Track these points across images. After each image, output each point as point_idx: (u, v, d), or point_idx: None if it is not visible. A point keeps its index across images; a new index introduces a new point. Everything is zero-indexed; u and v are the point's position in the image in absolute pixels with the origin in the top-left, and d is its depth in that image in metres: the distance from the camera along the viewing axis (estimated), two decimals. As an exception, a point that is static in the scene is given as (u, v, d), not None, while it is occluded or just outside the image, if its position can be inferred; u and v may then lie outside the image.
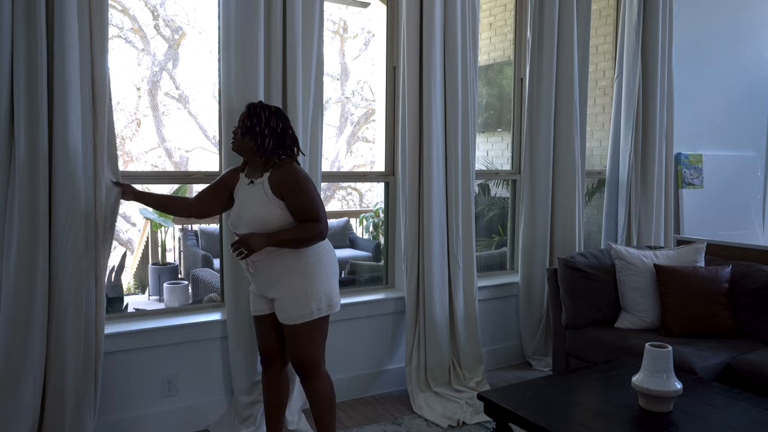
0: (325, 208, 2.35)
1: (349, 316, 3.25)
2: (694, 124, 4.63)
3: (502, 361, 3.92)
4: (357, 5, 6.58)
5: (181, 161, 10.83)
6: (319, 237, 2.30)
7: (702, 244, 3.42)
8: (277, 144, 2.32)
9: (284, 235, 2.26)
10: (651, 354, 2.10)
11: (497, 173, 4.78)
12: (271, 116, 2.32)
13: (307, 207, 2.28)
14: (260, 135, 2.29)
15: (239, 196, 2.41)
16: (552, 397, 2.27)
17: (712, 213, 4.68)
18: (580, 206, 3.91)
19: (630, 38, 4.10)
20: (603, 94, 4.75)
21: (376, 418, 3.05)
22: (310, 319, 2.32)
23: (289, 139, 2.36)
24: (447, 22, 3.29)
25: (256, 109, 2.33)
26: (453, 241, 3.42)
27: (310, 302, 2.31)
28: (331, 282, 2.39)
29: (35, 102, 2.28)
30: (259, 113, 2.32)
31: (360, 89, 10.92)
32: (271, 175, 2.31)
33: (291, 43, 2.82)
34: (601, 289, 3.32)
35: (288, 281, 2.32)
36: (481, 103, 5.01)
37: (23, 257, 2.31)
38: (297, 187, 2.28)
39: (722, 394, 2.29)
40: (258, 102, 2.39)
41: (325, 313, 2.36)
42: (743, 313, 3.13)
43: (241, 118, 2.36)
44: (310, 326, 2.33)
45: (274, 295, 2.36)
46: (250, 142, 2.31)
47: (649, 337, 2.95)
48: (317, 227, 2.28)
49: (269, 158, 2.33)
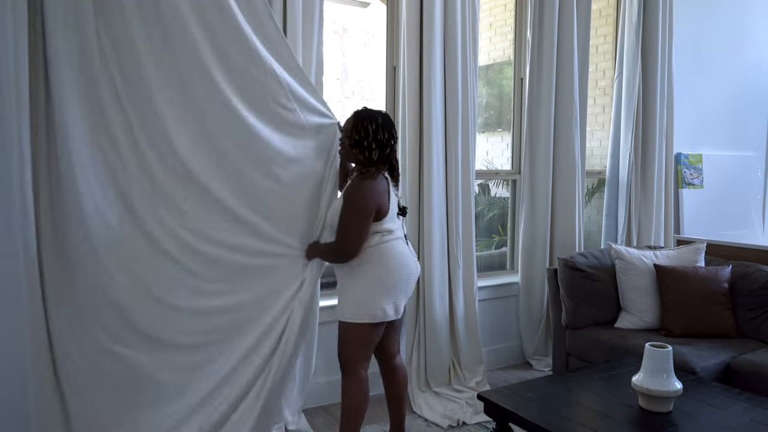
0: (357, 237, 2.34)
1: (349, 316, 3.25)
2: (694, 124, 4.63)
3: (502, 361, 3.91)
4: (357, 5, 6.58)
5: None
6: (338, 259, 2.42)
7: (702, 244, 3.42)
8: (380, 155, 2.37)
9: (321, 248, 2.48)
10: (651, 354, 2.10)
11: (497, 173, 4.78)
12: (378, 128, 2.35)
13: (339, 227, 2.35)
14: (368, 148, 2.35)
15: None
16: (552, 397, 2.27)
17: (712, 213, 4.67)
18: (580, 206, 3.91)
19: (630, 38, 4.10)
20: (603, 94, 4.75)
21: (376, 418, 3.05)
22: (346, 321, 2.40)
23: (390, 149, 2.40)
24: (447, 22, 3.29)
25: (364, 123, 2.36)
26: (453, 241, 3.41)
27: (352, 305, 2.39)
28: (381, 293, 2.38)
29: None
30: (366, 127, 2.35)
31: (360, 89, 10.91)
32: (351, 183, 2.40)
33: (291, 42, 2.82)
34: (601, 289, 3.32)
35: (344, 279, 2.44)
36: (481, 103, 5.01)
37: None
38: (346, 205, 2.35)
39: (722, 394, 2.30)
40: (364, 111, 2.41)
41: (362, 320, 2.37)
42: (743, 313, 3.12)
43: (348, 129, 2.39)
44: (346, 327, 2.42)
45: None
46: (359, 155, 2.37)
47: (649, 337, 2.95)
48: (338, 251, 2.39)
49: (365, 167, 2.37)
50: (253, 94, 2.37)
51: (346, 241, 2.35)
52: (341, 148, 2.47)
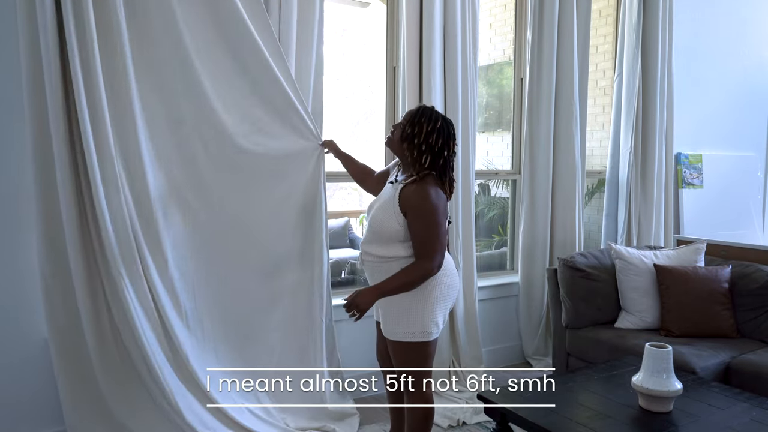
0: (444, 241, 2.13)
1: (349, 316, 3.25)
2: (694, 124, 4.63)
3: (502, 361, 3.91)
4: (357, 5, 6.58)
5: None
6: (429, 275, 2.12)
7: (702, 244, 3.42)
8: (431, 162, 2.15)
9: (391, 284, 2.12)
10: (651, 354, 2.10)
11: (497, 173, 4.78)
12: (433, 132, 2.14)
13: (421, 239, 2.11)
14: (417, 148, 2.15)
15: (382, 191, 2.34)
16: (552, 397, 2.26)
17: (712, 213, 4.67)
18: (580, 206, 3.91)
19: (630, 38, 4.10)
20: (603, 94, 4.75)
21: (376, 418, 3.05)
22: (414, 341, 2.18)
23: (444, 160, 2.17)
24: (447, 22, 3.29)
25: (420, 119, 2.16)
26: (453, 241, 3.41)
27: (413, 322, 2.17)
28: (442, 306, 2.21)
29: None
30: (422, 124, 2.15)
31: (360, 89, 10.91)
32: (407, 185, 2.15)
33: (290, 42, 2.82)
34: (601, 289, 3.32)
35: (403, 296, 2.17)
36: (481, 103, 5.00)
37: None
38: (420, 213, 2.10)
39: (722, 394, 2.29)
40: (429, 109, 2.20)
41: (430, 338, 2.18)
42: (743, 313, 3.12)
43: (405, 119, 2.21)
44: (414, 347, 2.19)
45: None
46: (406, 152, 2.19)
47: (649, 337, 2.95)
48: (426, 266, 2.11)
49: (417, 169, 2.17)
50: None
51: (434, 249, 2.09)
52: (390, 137, 2.27)
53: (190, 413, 2.52)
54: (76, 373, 2.46)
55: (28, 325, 2.50)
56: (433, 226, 2.09)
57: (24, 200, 2.40)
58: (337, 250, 6.26)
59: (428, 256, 2.10)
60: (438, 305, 2.19)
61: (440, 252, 2.12)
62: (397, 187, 2.18)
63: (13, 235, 2.46)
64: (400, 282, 2.12)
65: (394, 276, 2.13)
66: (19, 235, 2.46)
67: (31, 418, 2.54)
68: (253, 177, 2.73)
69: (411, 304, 2.16)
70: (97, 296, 2.46)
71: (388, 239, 2.17)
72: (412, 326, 2.16)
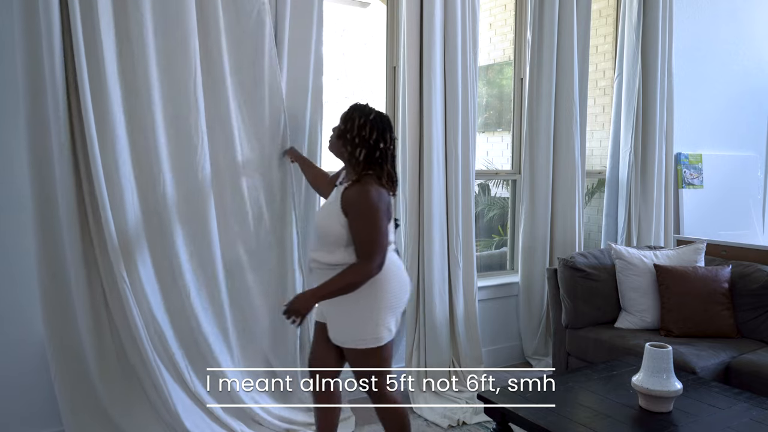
0: (384, 241, 2.08)
1: (349, 316, 3.25)
2: (694, 124, 4.63)
3: (502, 361, 3.91)
4: (357, 5, 6.58)
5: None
6: (369, 276, 2.05)
7: (702, 244, 3.42)
8: (366, 156, 2.11)
9: (331, 287, 2.06)
10: (651, 354, 2.10)
11: (497, 173, 4.78)
12: (366, 125, 2.10)
13: (361, 239, 2.06)
14: (350, 142, 2.12)
15: (329, 195, 2.30)
16: (552, 397, 2.27)
17: (712, 213, 4.67)
18: (580, 206, 3.91)
19: (630, 38, 4.10)
20: (603, 94, 4.75)
21: (376, 419, 3.04)
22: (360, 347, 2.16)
23: (380, 152, 2.12)
24: (447, 22, 3.29)
25: (353, 114, 2.14)
26: (453, 241, 3.41)
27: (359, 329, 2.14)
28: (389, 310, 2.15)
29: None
30: (354, 118, 2.13)
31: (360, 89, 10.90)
32: (349, 187, 2.10)
33: (289, 42, 2.82)
34: (601, 289, 3.32)
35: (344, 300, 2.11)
36: (481, 103, 5.01)
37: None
38: (360, 213, 2.05)
39: (722, 394, 2.29)
40: (361, 104, 2.18)
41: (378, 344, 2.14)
42: (743, 313, 3.12)
43: (341, 118, 2.18)
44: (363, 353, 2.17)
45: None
46: (342, 148, 2.16)
47: (649, 337, 2.95)
48: (365, 267, 2.04)
49: (356, 169, 2.13)
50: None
51: (374, 250, 2.04)
52: (330, 139, 2.24)
53: (190, 422, 2.53)
54: (73, 375, 2.45)
55: (25, 327, 2.50)
56: (373, 226, 2.05)
57: (22, 203, 2.39)
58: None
59: (368, 257, 2.04)
60: (387, 310, 2.13)
61: (380, 253, 2.05)
62: (340, 189, 2.16)
63: (11, 237, 2.45)
64: (340, 284, 2.06)
65: (333, 278, 2.07)
66: (16, 237, 2.45)
67: (29, 418, 2.54)
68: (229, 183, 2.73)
69: (359, 311, 2.11)
70: (95, 299, 2.46)
71: (332, 243, 2.12)
72: (362, 333, 2.12)
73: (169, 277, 2.59)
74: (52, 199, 2.34)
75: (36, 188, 2.32)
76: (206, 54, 2.59)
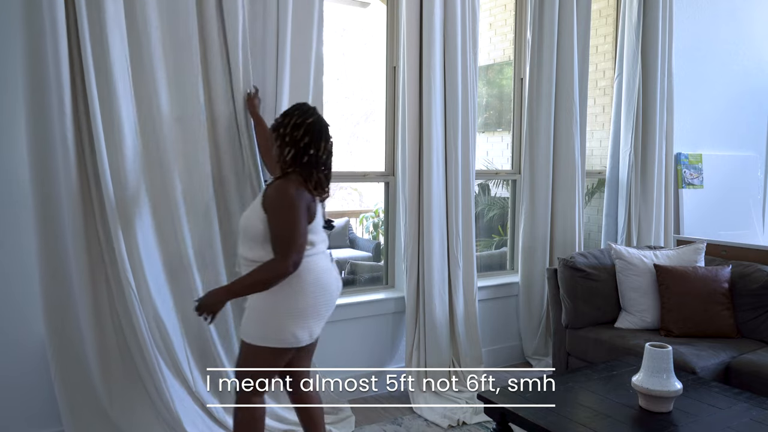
0: (301, 240, 2.01)
1: (349, 316, 3.25)
2: (694, 124, 4.63)
3: (502, 361, 3.91)
4: (357, 5, 6.59)
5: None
6: (283, 274, 1.98)
7: (702, 244, 3.42)
8: (294, 157, 2.07)
9: (243, 283, 2.03)
10: (651, 354, 2.10)
11: (497, 173, 4.78)
12: (301, 126, 2.05)
13: (277, 235, 2.00)
14: (281, 138, 2.08)
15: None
16: (552, 397, 2.27)
17: (712, 213, 4.67)
18: (580, 206, 3.91)
19: (630, 38, 4.10)
20: (603, 94, 4.75)
21: (376, 418, 3.05)
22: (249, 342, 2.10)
23: (309, 158, 2.06)
24: (447, 22, 3.29)
25: (293, 111, 2.10)
26: (453, 241, 3.41)
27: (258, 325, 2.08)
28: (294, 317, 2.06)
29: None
30: (292, 116, 2.08)
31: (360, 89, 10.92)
32: (271, 183, 2.08)
33: (289, 42, 2.82)
34: (601, 289, 3.32)
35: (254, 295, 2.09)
36: (481, 103, 5.01)
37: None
38: (277, 208, 2.00)
39: (722, 394, 2.30)
40: (304, 104, 2.14)
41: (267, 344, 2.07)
42: (743, 313, 3.12)
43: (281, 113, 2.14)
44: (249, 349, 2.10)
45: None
46: (272, 142, 2.12)
47: (649, 337, 2.95)
48: (280, 264, 1.97)
49: (282, 167, 2.10)
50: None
51: (290, 247, 1.97)
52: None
53: (189, 422, 2.53)
54: (73, 375, 2.45)
55: (25, 327, 2.50)
56: (290, 223, 1.99)
57: (22, 201, 2.39)
58: (337, 250, 6.26)
59: (283, 254, 1.97)
60: (297, 315, 2.06)
61: (295, 251, 1.98)
62: (264, 187, 2.14)
63: (11, 236, 2.45)
64: (252, 280, 2.01)
65: (246, 275, 2.03)
66: (17, 236, 2.45)
67: (29, 419, 2.54)
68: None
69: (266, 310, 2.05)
70: (98, 298, 2.46)
71: (252, 239, 2.06)
72: (265, 332, 2.06)
73: (179, 276, 2.60)
74: (53, 197, 2.33)
75: (36, 186, 2.31)
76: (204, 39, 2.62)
